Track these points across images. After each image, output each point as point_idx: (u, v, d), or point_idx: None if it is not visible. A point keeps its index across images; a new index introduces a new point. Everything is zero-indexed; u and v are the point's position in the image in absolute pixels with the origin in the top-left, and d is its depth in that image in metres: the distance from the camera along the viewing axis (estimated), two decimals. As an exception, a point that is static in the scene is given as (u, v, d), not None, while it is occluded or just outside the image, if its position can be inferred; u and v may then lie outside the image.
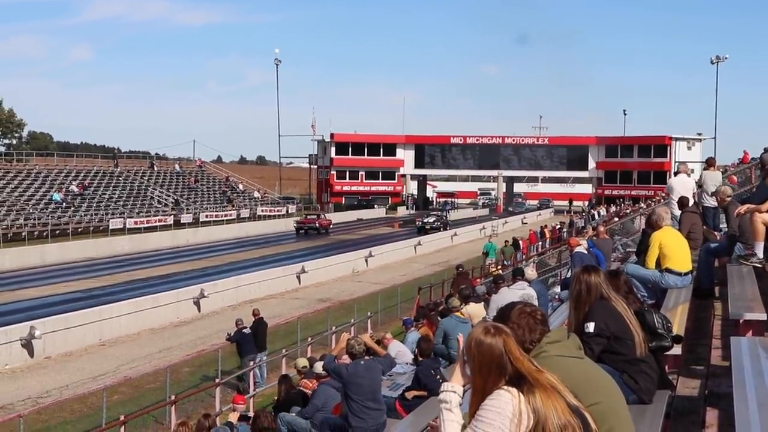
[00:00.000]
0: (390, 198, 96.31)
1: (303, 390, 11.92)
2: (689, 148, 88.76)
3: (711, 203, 13.44)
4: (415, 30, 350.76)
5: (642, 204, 51.95)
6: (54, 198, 56.92)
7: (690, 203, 12.41)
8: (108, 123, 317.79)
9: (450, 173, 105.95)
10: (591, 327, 4.74)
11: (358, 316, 26.24)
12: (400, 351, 12.98)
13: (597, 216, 53.96)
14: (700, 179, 15.39)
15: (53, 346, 23.61)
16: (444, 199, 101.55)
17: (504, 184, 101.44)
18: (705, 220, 12.78)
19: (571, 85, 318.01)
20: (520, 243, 44.23)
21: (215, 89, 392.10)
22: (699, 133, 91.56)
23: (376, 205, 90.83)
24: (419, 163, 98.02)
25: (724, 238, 10.31)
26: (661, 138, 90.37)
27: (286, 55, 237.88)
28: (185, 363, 21.43)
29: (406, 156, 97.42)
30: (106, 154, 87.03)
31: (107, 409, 16.23)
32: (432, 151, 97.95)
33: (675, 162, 76.82)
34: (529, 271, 14.98)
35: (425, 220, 66.31)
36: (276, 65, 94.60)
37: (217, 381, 18.27)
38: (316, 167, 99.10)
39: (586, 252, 14.16)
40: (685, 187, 14.14)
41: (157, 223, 58.04)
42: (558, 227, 53.09)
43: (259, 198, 78.93)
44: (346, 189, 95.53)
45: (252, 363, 19.63)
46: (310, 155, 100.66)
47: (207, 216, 64.63)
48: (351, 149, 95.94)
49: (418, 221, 67.34)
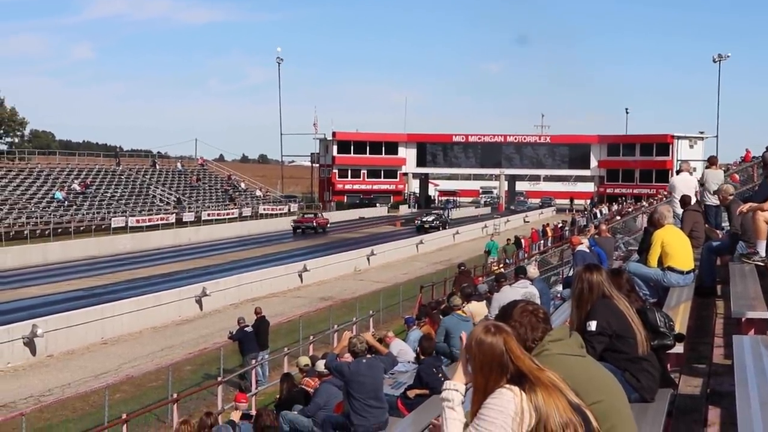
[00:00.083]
0: (392, 196, 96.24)
1: (305, 388, 11.92)
2: (691, 146, 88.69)
3: (713, 202, 13.43)
4: (417, 28, 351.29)
5: (644, 202, 51.93)
6: (56, 196, 56.96)
7: (692, 202, 12.39)
8: (110, 121, 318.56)
9: (452, 172, 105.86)
10: (593, 325, 4.74)
11: (360, 314, 26.24)
12: (402, 349, 12.99)
13: (599, 214, 53.97)
14: (702, 177, 15.38)
15: (55, 344, 23.62)
16: (446, 198, 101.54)
17: (506, 182, 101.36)
18: (707, 218, 12.76)
19: (574, 84, 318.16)
20: (522, 241, 44.29)
21: (217, 88, 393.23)
22: (701, 132, 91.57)
23: (378, 204, 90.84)
24: (421, 162, 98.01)
25: (726, 236, 10.29)
26: (664, 136, 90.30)
27: (287, 54, 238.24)
28: (187, 361, 21.42)
29: (408, 154, 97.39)
30: (108, 152, 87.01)
31: (109, 408, 16.23)
32: (434, 150, 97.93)
33: (677, 160, 76.87)
34: (531, 270, 14.96)
35: (424, 218, 66.22)
36: (278, 64, 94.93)
37: (219, 379, 18.29)
38: (318, 166, 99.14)
39: (588, 250, 14.14)
40: (688, 186, 14.11)
41: (159, 222, 58.04)
42: (560, 226, 53.09)
43: (261, 196, 78.89)
44: (348, 187, 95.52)
45: (254, 361, 19.63)
46: (312, 154, 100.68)
47: (209, 214, 64.60)
48: (353, 148, 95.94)
49: (417, 220, 67.31)
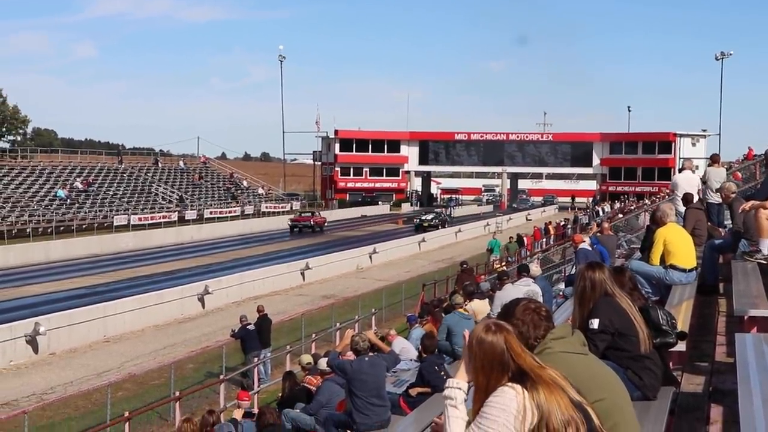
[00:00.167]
0: (394, 195, 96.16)
1: (307, 386, 11.91)
2: (694, 144, 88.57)
3: (715, 200, 13.41)
4: (420, 26, 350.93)
5: (646, 200, 51.95)
6: (58, 194, 57.00)
7: (695, 200, 12.38)
8: (112, 120, 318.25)
9: (454, 170, 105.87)
10: (595, 323, 4.73)
11: (362, 312, 26.25)
12: (404, 347, 12.99)
13: (601, 212, 53.95)
14: (704, 175, 15.35)
15: (58, 342, 23.65)
16: (448, 196, 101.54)
17: (508, 180, 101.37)
18: (709, 216, 12.74)
19: (576, 82, 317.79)
20: (524, 239, 44.31)
21: (219, 86, 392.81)
22: (703, 130, 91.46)
23: (380, 202, 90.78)
24: (423, 160, 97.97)
25: (728, 234, 10.28)
26: (666, 134, 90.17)
27: (289, 52, 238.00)
28: (189, 359, 21.43)
29: (410, 152, 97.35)
30: (110, 150, 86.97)
31: (112, 406, 16.22)
32: (436, 148, 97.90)
33: (679, 158, 76.81)
34: (534, 268, 14.97)
35: (423, 217, 65.84)
36: (280, 61, 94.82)
37: (222, 377, 18.30)
38: (320, 164, 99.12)
39: (590, 248, 14.13)
40: (690, 184, 14.09)
41: (162, 220, 58.02)
42: (562, 224, 53.12)
43: (264, 194, 78.89)
44: (350, 185, 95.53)
45: (256, 359, 19.65)
46: (314, 152, 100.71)
47: (211, 212, 64.61)
48: (355, 146, 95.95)
49: (415, 219, 66.93)
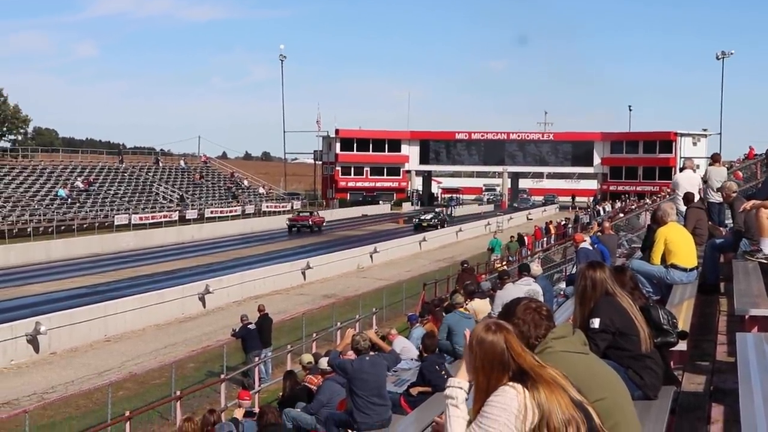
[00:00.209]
0: (395, 194, 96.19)
1: (308, 386, 11.92)
2: (694, 143, 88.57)
3: (716, 199, 13.40)
4: (420, 25, 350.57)
5: (647, 200, 51.91)
6: (59, 194, 57.01)
7: (695, 199, 12.37)
8: (113, 119, 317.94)
9: (455, 169, 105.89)
10: (596, 323, 4.73)
11: (363, 312, 26.25)
12: (405, 347, 12.99)
13: (602, 212, 53.95)
14: (705, 175, 15.34)
15: (58, 341, 23.65)
16: (449, 195, 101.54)
17: (509, 179, 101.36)
18: (710, 215, 12.73)
19: (576, 81, 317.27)
20: (525, 239, 44.33)
21: (220, 85, 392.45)
22: (704, 129, 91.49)
23: (380, 201, 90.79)
24: (424, 159, 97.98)
25: (729, 233, 10.28)
26: (667, 134, 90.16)
27: (290, 51, 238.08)
28: (190, 359, 21.43)
29: (411, 152, 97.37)
30: (111, 150, 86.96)
31: (112, 405, 16.23)
32: (437, 147, 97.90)
33: (680, 158, 76.81)
34: (535, 267, 14.96)
35: (422, 217, 65.66)
36: (281, 61, 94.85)
37: (222, 377, 18.30)
38: (321, 163, 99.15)
39: (591, 248, 14.13)
40: (691, 183, 14.09)
41: (162, 219, 58.06)
42: (563, 223, 53.14)
43: (264, 194, 78.94)
44: (351, 185, 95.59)
45: (257, 359, 19.66)
46: (315, 151, 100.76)
47: (212, 212, 64.66)
48: (356, 145, 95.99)
49: (414, 218, 66.70)
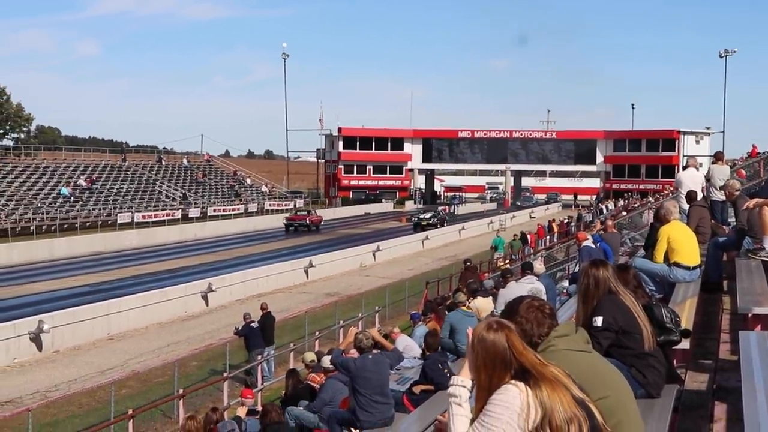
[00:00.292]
0: (398, 192, 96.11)
1: (311, 384, 11.93)
2: (698, 142, 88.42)
3: (719, 197, 13.39)
4: (423, 24, 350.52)
5: (650, 198, 51.85)
6: (62, 192, 57.07)
7: (698, 197, 12.36)
8: (115, 117, 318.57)
9: (458, 167, 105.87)
10: (599, 321, 4.73)
11: (365, 310, 26.22)
12: (407, 345, 12.99)
13: (605, 210, 53.91)
14: (708, 173, 15.31)
15: (61, 340, 23.67)
16: (452, 194, 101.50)
17: (512, 178, 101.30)
18: (713, 214, 12.73)
19: (579, 80, 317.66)
20: (528, 237, 44.31)
21: (222, 84, 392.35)
22: (707, 127, 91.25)
23: (383, 200, 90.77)
24: (427, 158, 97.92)
25: (732, 232, 10.28)
26: (670, 132, 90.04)
27: (293, 50, 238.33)
28: (193, 357, 21.44)
29: (413, 150, 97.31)
30: (114, 148, 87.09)
31: (115, 403, 16.25)
32: (440, 146, 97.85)
33: (683, 156, 76.66)
34: (537, 266, 14.98)
35: (421, 215, 64.77)
36: (283, 59, 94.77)
37: (225, 375, 18.28)
38: (323, 161, 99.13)
39: (593, 246, 14.12)
40: (694, 181, 14.06)
41: (165, 218, 58.10)
42: (566, 221, 53.12)
43: (267, 192, 78.97)
44: (353, 183, 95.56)
45: (260, 357, 19.66)
46: (317, 149, 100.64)
47: (215, 210, 64.70)
48: (359, 143, 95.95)
49: (414, 217, 65.74)
